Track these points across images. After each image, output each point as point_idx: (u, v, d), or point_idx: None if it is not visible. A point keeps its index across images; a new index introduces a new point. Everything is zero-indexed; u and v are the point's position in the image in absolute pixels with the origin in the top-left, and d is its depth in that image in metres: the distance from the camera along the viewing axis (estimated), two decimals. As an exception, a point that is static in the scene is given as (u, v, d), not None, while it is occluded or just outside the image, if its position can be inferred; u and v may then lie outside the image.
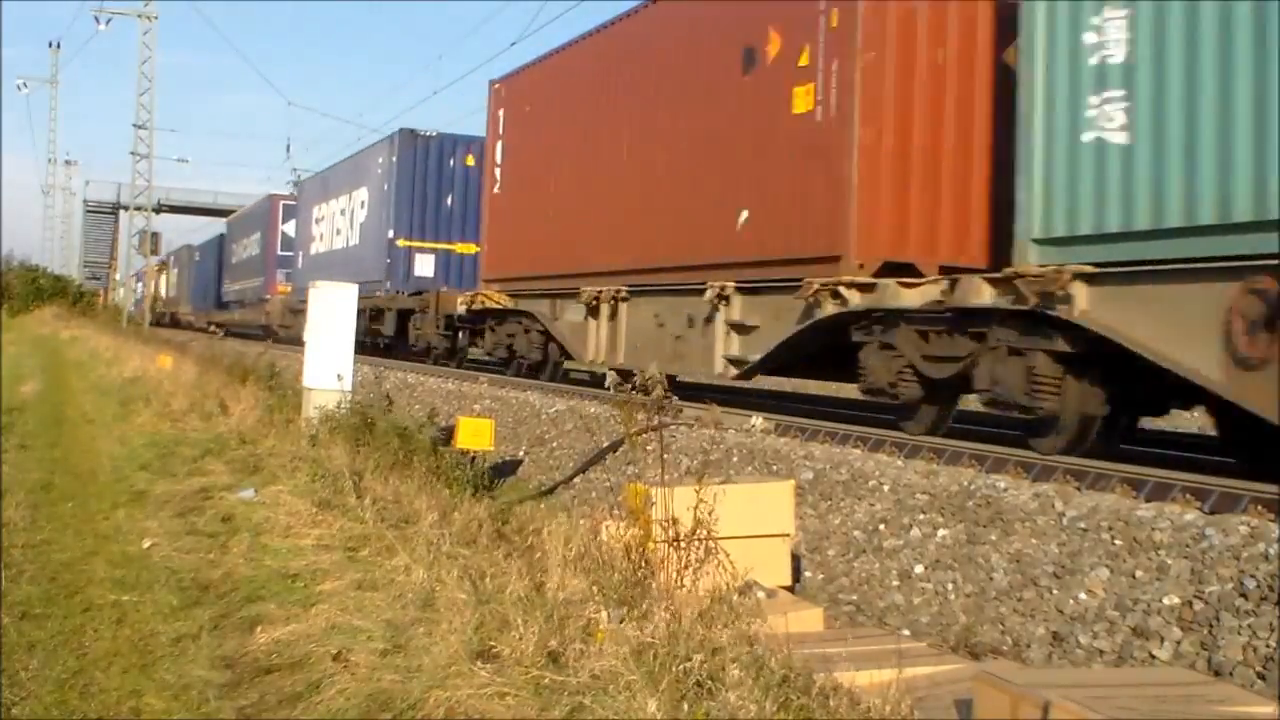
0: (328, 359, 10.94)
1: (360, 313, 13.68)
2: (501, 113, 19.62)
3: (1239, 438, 8.88)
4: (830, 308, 10.83)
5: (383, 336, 25.85)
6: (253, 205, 45.63)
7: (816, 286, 10.84)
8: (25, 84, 63.03)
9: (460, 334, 22.77)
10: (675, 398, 5.37)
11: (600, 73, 16.06)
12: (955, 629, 6.31)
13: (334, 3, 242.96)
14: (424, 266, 25.55)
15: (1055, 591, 6.12)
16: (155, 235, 46.46)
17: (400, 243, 25.63)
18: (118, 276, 67.13)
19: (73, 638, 5.19)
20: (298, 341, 24.66)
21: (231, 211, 64.79)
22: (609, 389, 5.78)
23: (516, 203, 18.83)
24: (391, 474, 7.82)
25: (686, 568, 4.94)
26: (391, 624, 4.89)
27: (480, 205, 21.05)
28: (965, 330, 9.46)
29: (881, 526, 7.50)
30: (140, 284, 68.95)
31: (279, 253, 38.86)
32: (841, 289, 10.65)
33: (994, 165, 10.60)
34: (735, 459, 9.52)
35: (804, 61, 11.36)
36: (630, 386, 5.26)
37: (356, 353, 11.78)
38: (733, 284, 12.52)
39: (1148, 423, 10.71)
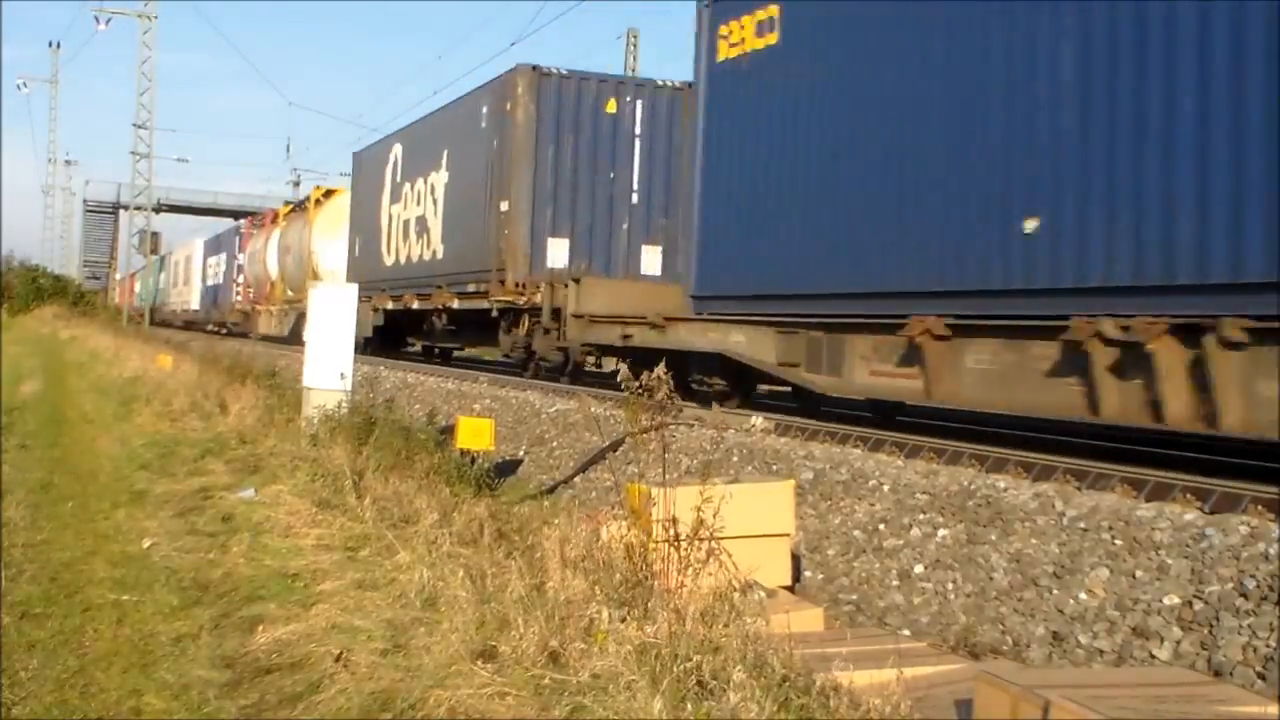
0: (328, 359, 10.95)
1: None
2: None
3: None
4: None
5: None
6: None
7: None
8: (25, 84, 63.17)
9: None
10: (678, 397, 5.34)
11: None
12: (955, 629, 6.30)
13: (334, 3, 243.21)
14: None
15: (1055, 591, 6.11)
16: (155, 235, 46.46)
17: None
18: (117, 276, 66.20)
19: (73, 638, 5.18)
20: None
21: (233, 212, 60.02)
22: (620, 384, 5.76)
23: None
24: (392, 474, 7.81)
25: (687, 568, 4.94)
26: (392, 623, 4.89)
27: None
28: None
29: (881, 526, 7.50)
30: (224, 259, 43.72)
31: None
32: None
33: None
34: (735, 459, 9.51)
35: None
36: (638, 385, 5.22)
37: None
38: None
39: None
